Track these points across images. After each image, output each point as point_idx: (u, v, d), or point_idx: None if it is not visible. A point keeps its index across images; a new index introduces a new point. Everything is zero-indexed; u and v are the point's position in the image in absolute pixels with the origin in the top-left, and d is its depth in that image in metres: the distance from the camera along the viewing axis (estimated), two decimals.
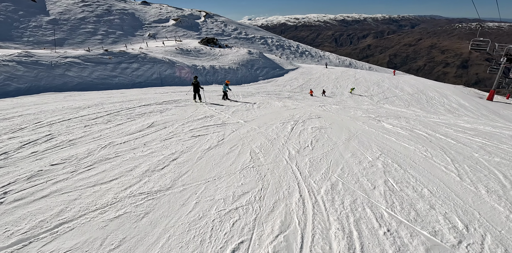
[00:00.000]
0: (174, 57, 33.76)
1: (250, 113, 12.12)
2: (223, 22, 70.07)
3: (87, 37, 51.94)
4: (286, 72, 43.11)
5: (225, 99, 17.44)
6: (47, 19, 52.71)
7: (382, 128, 10.45)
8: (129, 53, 26.40)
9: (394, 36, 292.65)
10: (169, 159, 6.15)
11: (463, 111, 28.06)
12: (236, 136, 7.98)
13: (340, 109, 16.60)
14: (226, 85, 17.53)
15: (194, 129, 8.49)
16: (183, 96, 17.21)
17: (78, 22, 54.64)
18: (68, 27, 53.03)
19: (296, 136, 8.24)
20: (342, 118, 12.11)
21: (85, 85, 20.16)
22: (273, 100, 19.02)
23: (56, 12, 55.55)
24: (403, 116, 15.07)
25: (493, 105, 34.55)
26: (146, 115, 10.44)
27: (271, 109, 14.07)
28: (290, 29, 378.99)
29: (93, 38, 52.11)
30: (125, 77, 23.35)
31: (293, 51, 67.94)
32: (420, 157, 7.04)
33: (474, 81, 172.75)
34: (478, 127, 12.66)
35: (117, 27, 56.41)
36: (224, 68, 36.25)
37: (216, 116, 10.65)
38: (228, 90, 17.65)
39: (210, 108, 12.75)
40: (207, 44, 46.82)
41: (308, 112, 13.44)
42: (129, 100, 14.15)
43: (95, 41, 51.16)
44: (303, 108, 15.48)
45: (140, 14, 62.39)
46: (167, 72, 27.46)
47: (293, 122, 10.32)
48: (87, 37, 52.02)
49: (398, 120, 12.77)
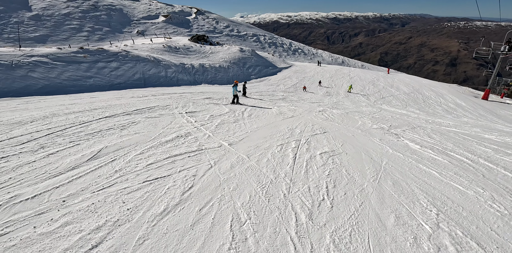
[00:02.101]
0: (161, 55, 30.39)
1: (239, 127, 9.22)
2: (214, 19, 66.22)
3: (72, 34, 47.74)
4: (279, 70, 40.13)
5: (236, 103, 15.02)
6: (29, 15, 48.19)
7: (408, 149, 7.75)
8: (108, 51, 23.02)
9: (385, 35, 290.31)
10: (87, 245, 3.29)
11: (461, 112, 25.91)
12: (214, 177, 5.09)
13: (343, 115, 13.84)
14: (235, 87, 14.98)
15: (153, 163, 5.57)
16: (164, 101, 14.20)
17: (62, 18, 50.23)
18: (51, 23, 48.62)
19: (302, 173, 5.41)
20: (353, 133, 9.35)
21: (52, 88, 16.88)
22: (266, 104, 16.16)
23: (39, 8, 50.94)
24: (416, 125, 12.41)
25: (489, 105, 32.76)
26: (98, 136, 7.47)
27: (264, 119, 11.20)
28: (282, 26, 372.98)
29: (78, 35, 47.94)
30: (101, 78, 20.06)
31: (286, 49, 64.78)
32: (493, 215, 4.38)
33: (463, 79, 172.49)
34: (508, 140, 10.08)
35: (104, 24, 52.20)
36: (215, 66, 33.07)
37: (193, 136, 7.73)
38: (238, 92, 15.20)
39: (188, 120, 9.81)
40: (198, 41, 43.31)
41: (310, 123, 10.64)
42: (91, 109, 11.07)
43: (80, 38, 47.05)
44: (302, 115, 12.67)
45: (129, 10, 58.09)
46: (151, 71, 24.22)
47: (294, 143, 7.49)
48: (72, 34, 47.81)
49: (417, 134, 10.11)
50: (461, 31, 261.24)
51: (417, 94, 33.74)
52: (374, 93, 32.29)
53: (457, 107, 28.17)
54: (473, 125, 15.49)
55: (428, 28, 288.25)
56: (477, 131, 12.48)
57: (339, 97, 27.67)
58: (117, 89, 19.50)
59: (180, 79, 26.28)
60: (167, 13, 60.20)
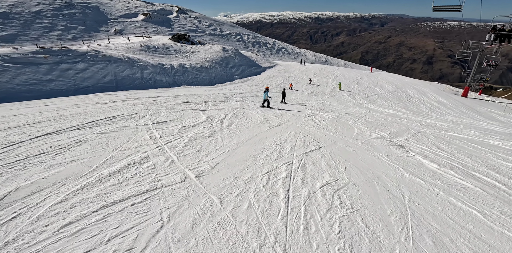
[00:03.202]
0: (137, 55, 27.62)
1: (214, 144, 7.19)
2: (196, 18, 63.12)
3: (44, 33, 43.51)
4: (263, 70, 38.16)
5: (267, 107, 14.82)
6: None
7: (425, 170, 6.00)
8: (75, 51, 20.15)
9: (366, 34, 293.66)
10: None
11: (444, 110, 25.10)
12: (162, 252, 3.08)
13: (334, 120, 12.04)
14: (266, 92, 14.79)
15: (72, 223, 3.39)
16: (132, 108, 11.90)
17: (32, 16, 45.76)
18: (21, 21, 44.09)
19: (301, 233, 3.43)
20: (353, 147, 7.53)
21: (2, 95, 14.10)
22: (250, 108, 14.14)
23: (6, 5, 46.17)
24: (414, 130, 10.78)
25: (469, 102, 32.54)
26: (18, 167, 5.22)
27: (247, 129, 9.19)
28: (266, 26, 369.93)
29: (50, 34, 43.79)
30: (65, 82, 17.32)
31: (269, 48, 62.76)
32: None
33: (438, 76, 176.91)
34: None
35: (78, 22, 48.11)
36: (196, 66, 30.63)
37: (150, 162, 5.62)
38: (269, 97, 14.89)
39: (152, 136, 7.66)
40: (178, 40, 40.51)
41: (300, 134, 8.75)
42: (34, 123, 8.65)
43: (52, 38, 42.97)
44: (290, 122, 10.76)
45: (106, 8, 54.03)
46: (125, 73, 21.57)
47: (285, 169, 5.56)
48: (44, 33, 43.58)
49: (423, 143, 8.44)
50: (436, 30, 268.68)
51: (400, 93, 32.92)
52: (359, 92, 31.07)
53: (440, 105, 27.53)
54: (466, 126, 14.18)
55: (405, 28, 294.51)
56: (477, 135, 11.03)
57: (325, 97, 26.09)
58: (84, 93, 16.87)
59: (157, 81, 23.77)
60: (146, 11, 56.61)
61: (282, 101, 18.01)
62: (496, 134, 11.34)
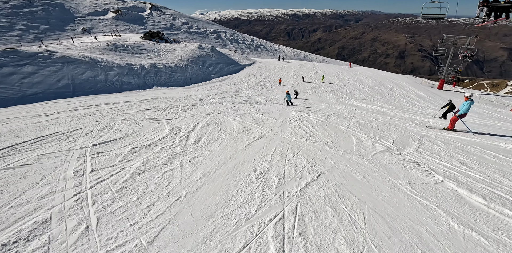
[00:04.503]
0: (102, 55, 24.44)
1: (167, 182, 4.95)
2: (171, 15, 59.19)
3: (1, 33, 38.60)
4: (242, 68, 35.87)
5: (290, 104, 16.06)
6: None
7: (475, 213, 4.18)
8: (22, 52, 16.94)
9: (341, 30, 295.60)
10: None
11: (424, 103, 24.26)
12: None
13: (324, 125, 10.10)
14: (288, 95, 16.38)
15: None
16: (79, 120, 9.38)
17: None
18: None
19: None
20: (362, 171, 5.56)
21: None
22: (227, 112, 11.96)
23: None
24: (416, 133, 9.07)
25: (446, 94, 32.29)
26: None
27: (219, 149, 6.99)
28: (243, 23, 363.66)
29: (8, 34, 38.91)
30: (6, 89, 14.28)
31: (248, 45, 60.19)
32: None
33: (410, 69, 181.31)
34: None
35: (41, 21, 43.21)
36: (170, 66, 27.85)
37: (43, 238, 3.41)
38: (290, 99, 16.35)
39: (80, 170, 5.36)
40: (151, 38, 37.20)
41: (289, 152, 6.69)
42: None
43: (11, 38, 38.18)
44: (274, 132, 8.72)
45: (72, 5, 49.08)
46: (85, 75, 18.60)
47: (272, 237, 3.47)
48: (1, 33, 38.66)
49: (439, 156, 6.53)
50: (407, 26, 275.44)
51: (380, 87, 31.98)
52: (340, 88, 29.67)
53: (419, 99, 26.81)
54: None
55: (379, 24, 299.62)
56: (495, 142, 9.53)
57: (306, 94, 24.36)
58: (30, 102, 13.97)
59: (125, 83, 20.93)
60: (117, 8, 52.14)
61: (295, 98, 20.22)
62: (490, 131, 9.87)
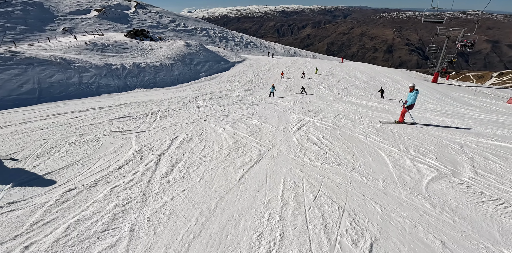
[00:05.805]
0: (78, 55, 22.02)
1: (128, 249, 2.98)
2: (158, 13, 56.27)
3: None
4: (232, 65, 33.78)
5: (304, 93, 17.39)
6: None
7: None
8: None
9: (330, 26, 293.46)
10: None
11: (421, 97, 22.86)
12: None
13: (337, 133, 8.17)
14: (272, 88, 17.59)
15: None
16: (21, 138, 7.17)
17: None
18: None
19: None
20: (435, 232, 3.51)
21: None
22: (215, 118, 9.92)
23: None
24: (450, 140, 7.30)
25: (441, 88, 31.24)
26: None
27: (199, 188, 4.28)
28: (232, 21, 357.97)
29: None
30: None
31: (237, 42, 57.84)
32: None
33: (398, 63, 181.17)
34: None
35: (18, 21, 40.03)
36: (155, 65, 25.58)
37: None
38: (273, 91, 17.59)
39: None
40: (135, 37, 34.66)
41: (307, 190, 4.80)
42: None
43: None
44: (277, 150, 6.51)
45: (51, 4, 45.80)
46: (54, 78, 16.30)
47: None
48: None
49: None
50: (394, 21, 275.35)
51: (375, 82, 30.47)
52: (335, 84, 27.95)
53: None
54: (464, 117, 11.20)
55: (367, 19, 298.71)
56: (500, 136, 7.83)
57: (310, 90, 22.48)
58: None
59: (102, 86, 18.67)
60: (100, 7, 49.05)
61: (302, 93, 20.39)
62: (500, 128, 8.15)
